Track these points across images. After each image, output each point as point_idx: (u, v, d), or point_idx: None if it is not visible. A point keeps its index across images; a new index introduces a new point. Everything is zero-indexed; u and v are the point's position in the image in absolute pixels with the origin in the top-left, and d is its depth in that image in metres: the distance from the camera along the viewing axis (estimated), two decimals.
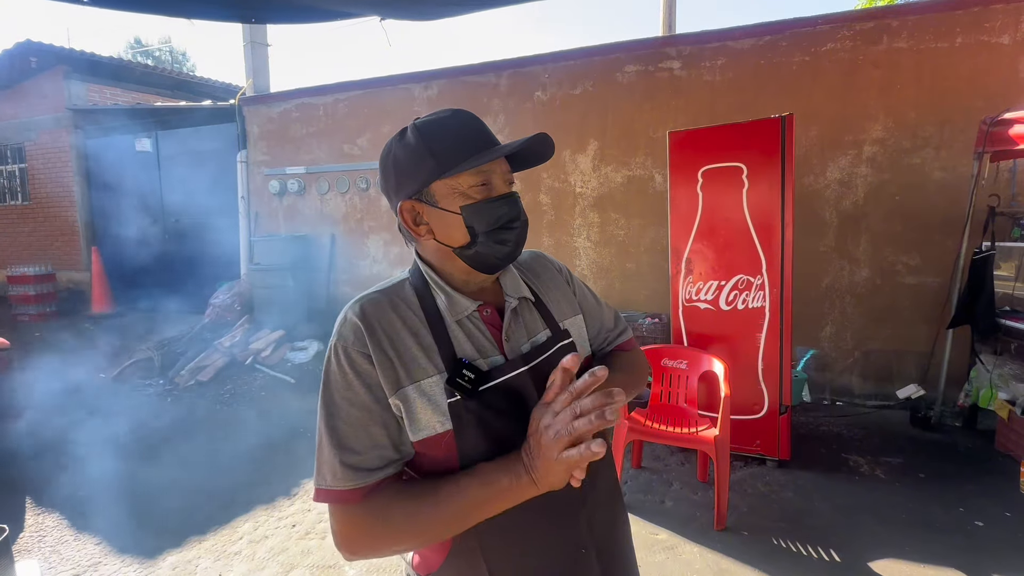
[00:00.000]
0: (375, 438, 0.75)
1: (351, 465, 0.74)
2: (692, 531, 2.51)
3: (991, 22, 3.68)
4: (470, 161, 0.78)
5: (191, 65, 25.79)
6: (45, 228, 8.34)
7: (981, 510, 2.62)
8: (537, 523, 0.80)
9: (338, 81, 5.93)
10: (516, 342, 0.84)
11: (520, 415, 0.78)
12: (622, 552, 0.92)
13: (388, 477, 0.76)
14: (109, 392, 4.68)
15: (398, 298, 0.83)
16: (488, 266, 0.84)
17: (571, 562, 0.83)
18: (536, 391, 0.80)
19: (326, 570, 2.35)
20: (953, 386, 3.62)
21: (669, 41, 4.63)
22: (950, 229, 3.71)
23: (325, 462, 0.75)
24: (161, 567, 2.39)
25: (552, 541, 0.82)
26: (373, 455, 0.75)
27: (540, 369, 0.83)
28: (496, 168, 0.82)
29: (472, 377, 0.76)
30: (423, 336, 0.80)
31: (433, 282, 0.85)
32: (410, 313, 0.81)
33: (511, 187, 0.85)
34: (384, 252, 5.87)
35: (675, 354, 3.05)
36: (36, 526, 2.72)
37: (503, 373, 0.79)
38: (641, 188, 4.68)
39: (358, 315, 0.78)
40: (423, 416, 0.76)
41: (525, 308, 0.89)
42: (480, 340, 0.82)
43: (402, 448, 0.77)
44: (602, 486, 0.89)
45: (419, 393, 0.76)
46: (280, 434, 3.79)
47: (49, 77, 7.88)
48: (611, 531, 0.90)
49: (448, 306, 0.82)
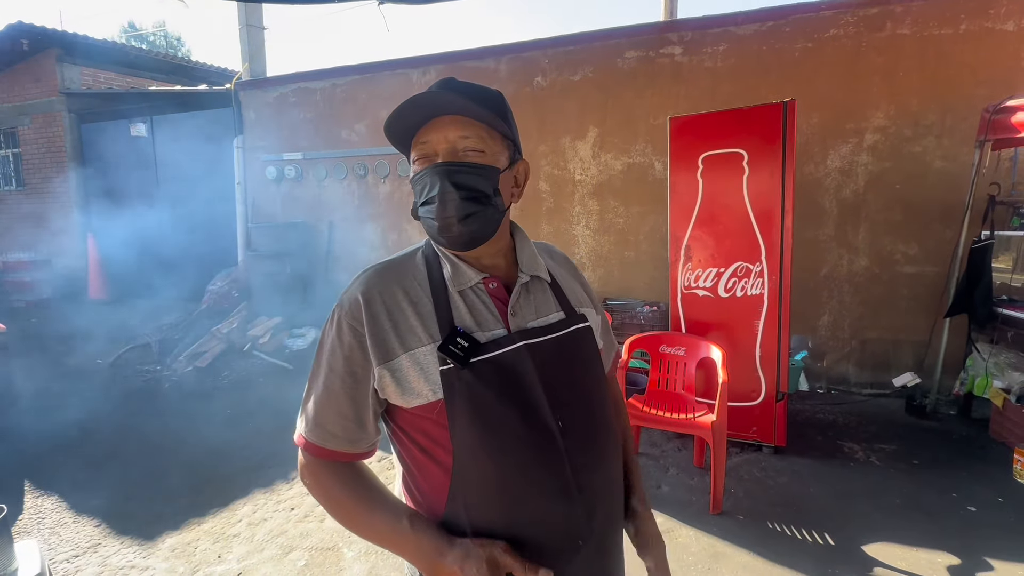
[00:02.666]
0: (341, 408, 0.79)
1: (317, 423, 0.80)
2: (688, 515, 2.53)
3: (996, 8, 3.64)
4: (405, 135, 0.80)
5: (186, 50, 25.47)
6: (40, 213, 8.27)
7: (974, 496, 2.64)
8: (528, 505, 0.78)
9: (335, 66, 5.86)
10: (522, 318, 0.82)
11: (516, 395, 0.77)
12: (616, 549, 0.89)
13: (348, 453, 0.81)
14: (106, 378, 4.68)
15: (405, 267, 0.84)
16: (439, 242, 0.82)
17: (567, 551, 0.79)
18: (536, 372, 0.78)
19: (324, 552, 2.36)
20: (949, 374, 3.64)
21: (670, 26, 4.58)
22: (949, 218, 3.70)
23: (302, 411, 0.83)
24: (160, 549, 2.40)
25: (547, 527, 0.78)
26: (336, 423, 0.80)
27: (545, 349, 0.81)
28: (432, 137, 0.78)
29: (466, 346, 0.76)
30: (423, 305, 0.80)
31: (441, 252, 0.84)
32: (414, 283, 0.82)
33: (465, 153, 0.77)
34: (382, 239, 5.84)
35: (673, 341, 3.05)
36: (35, 508, 2.73)
37: (501, 346, 0.78)
38: (641, 175, 4.66)
39: (361, 287, 0.81)
40: (415, 384, 0.77)
41: (538, 287, 0.87)
42: (482, 312, 0.81)
43: (366, 426, 0.81)
44: (601, 480, 0.85)
45: (412, 362, 0.77)
46: (278, 419, 3.79)
47: (42, 60, 7.76)
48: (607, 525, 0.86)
49: (452, 275, 0.82)
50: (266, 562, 2.31)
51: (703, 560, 2.25)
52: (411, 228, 5.69)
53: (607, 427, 0.87)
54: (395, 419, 0.82)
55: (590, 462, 0.81)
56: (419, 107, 0.76)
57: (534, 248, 0.90)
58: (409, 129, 0.79)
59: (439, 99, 0.76)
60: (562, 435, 0.78)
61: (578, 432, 0.81)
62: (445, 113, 0.77)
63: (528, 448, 0.76)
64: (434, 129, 0.78)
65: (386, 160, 5.64)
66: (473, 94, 0.79)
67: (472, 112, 0.77)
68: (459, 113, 0.77)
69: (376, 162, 5.68)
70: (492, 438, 0.75)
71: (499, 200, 0.80)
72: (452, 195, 0.76)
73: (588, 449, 0.82)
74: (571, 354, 0.84)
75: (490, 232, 0.81)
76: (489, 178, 0.79)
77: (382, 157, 5.66)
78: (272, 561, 2.32)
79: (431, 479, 0.79)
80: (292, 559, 2.33)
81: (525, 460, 0.76)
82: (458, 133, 0.77)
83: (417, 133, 0.79)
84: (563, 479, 0.78)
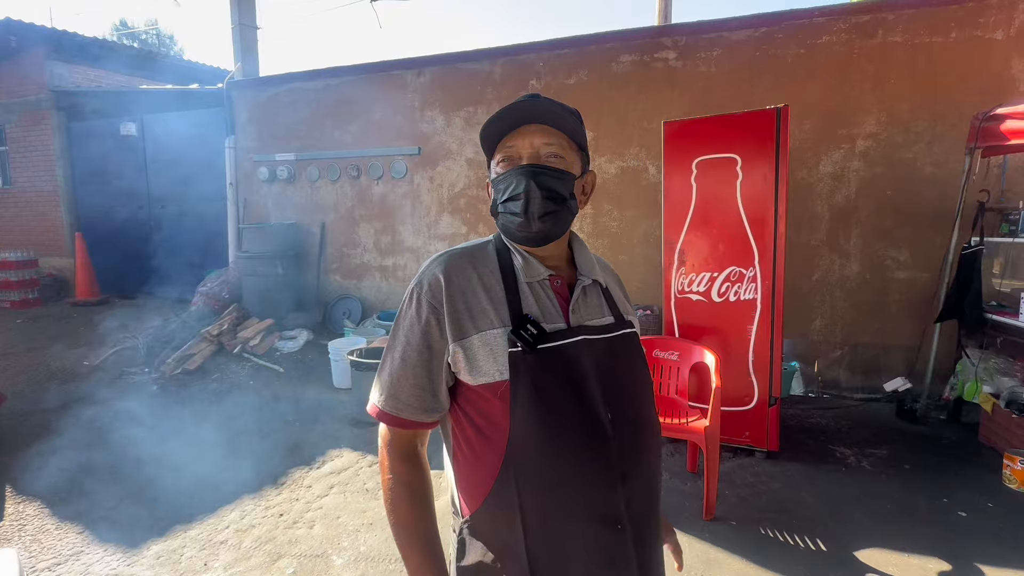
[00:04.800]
0: (417, 378, 0.85)
1: (392, 394, 0.86)
2: (681, 521, 2.52)
3: (985, 17, 3.68)
4: (492, 138, 0.89)
5: (178, 49, 25.27)
6: (27, 213, 8.14)
7: (964, 501, 2.66)
8: (574, 487, 0.83)
9: (329, 66, 5.83)
10: (581, 316, 0.89)
11: (574, 383, 0.83)
12: (655, 539, 0.94)
13: (421, 422, 0.86)
14: (92, 381, 4.60)
15: (480, 256, 0.90)
16: (514, 236, 0.89)
17: (606, 533, 0.84)
18: (592, 366, 0.85)
19: (313, 559, 2.33)
20: (939, 380, 3.66)
21: (665, 31, 4.60)
22: (940, 224, 3.73)
23: (378, 382, 0.89)
24: (145, 556, 2.35)
25: (589, 508, 0.83)
26: (411, 392, 0.85)
27: (598, 347, 0.87)
28: (519, 142, 0.87)
29: (535, 333, 0.82)
30: (495, 291, 0.86)
31: (513, 247, 0.91)
32: (487, 271, 0.88)
33: (547, 158, 0.86)
34: (375, 241, 5.81)
35: (666, 345, 3.05)
36: (16, 515, 2.67)
37: (563, 338, 0.85)
38: (635, 179, 4.66)
39: (441, 268, 0.86)
40: (484, 363, 0.82)
41: (593, 291, 0.94)
42: (547, 305, 0.88)
43: (439, 395, 0.86)
44: (643, 473, 0.90)
45: (483, 342, 0.83)
46: (268, 424, 3.75)
47: (30, 58, 7.65)
48: (645, 522, 0.90)
49: (524, 267, 0.88)
50: (253, 569, 2.27)
51: (696, 566, 2.23)
52: (404, 230, 5.66)
53: (651, 424, 0.94)
54: (457, 396, 0.87)
55: (633, 454, 0.87)
56: (511, 113, 0.86)
57: (591, 256, 0.98)
58: (498, 133, 0.88)
59: (530, 108, 0.85)
60: (611, 425, 0.85)
61: (624, 425, 0.87)
62: (534, 121, 0.86)
63: (579, 433, 0.83)
64: (520, 135, 0.87)
65: (379, 161, 5.61)
66: (557, 106, 0.87)
67: (557, 122, 0.86)
68: (545, 123, 0.86)
69: (369, 163, 5.65)
70: (549, 420, 0.81)
71: (573, 203, 0.90)
72: (536, 194, 0.84)
73: (632, 441, 0.88)
74: (621, 354, 0.91)
75: (560, 231, 0.90)
76: (567, 182, 0.88)
77: (375, 158, 5.63)
78: (260, 569, 2.28)
79: (482, 456, 0.84)
80: (280, 567, 2.29)
81: (576, 443, 0.82)
82: (543, 140, 0.86)
83: (504, 138, 0.88)
84: (608, 465, 0.84)
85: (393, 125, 5.50)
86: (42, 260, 7.60)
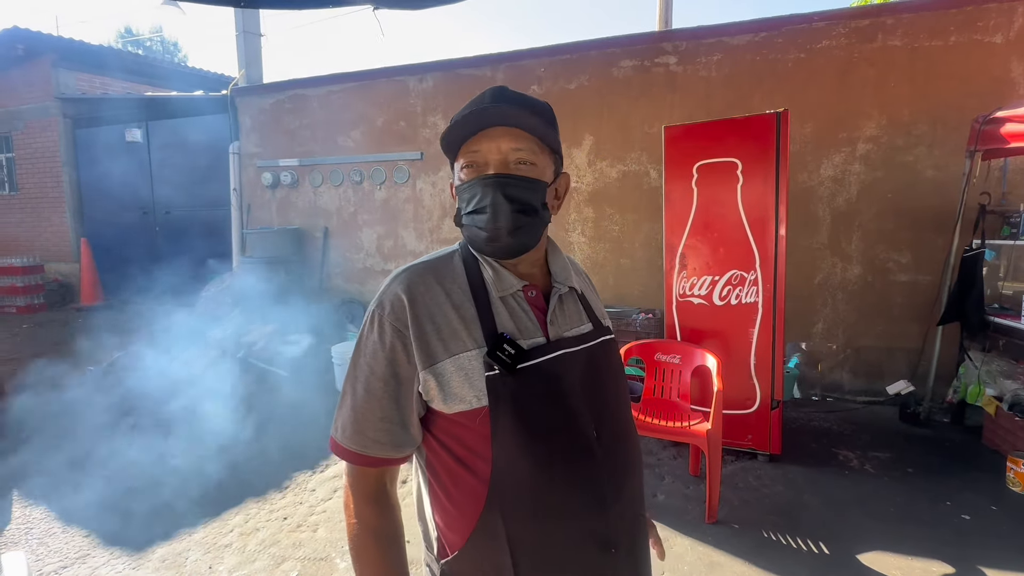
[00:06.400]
0: (384, 411, 0.77)
1: (357, 430, 0.77)
2: (684, 524, 2.53)
3: (984, 21, 3.70)
4: (455, 141, 0.79)
5: (183, 56, 25.50)
6: (33, 219, 8.21)
7: (968, 504, 2.65)
8: (567, 514, 0.77)
9: (332, 73, 5.87)
10: (559, 327, 0.83)
11: (558, 402, 0.77)
12: (644, 554, 0.90)
13: (392, 459, 0.78)
14: (97, 385, 4.62)
15: (445, 270, 0.82)
16: (482, 250, 0.82)
17: (601, 558, 0.79)
18: (574, 381, 0.80)
19: (317, 563, 2.34)
20: (942, 382, 3.66)
21: (665, 36, 4.63)
22: (941, 227, 3.74)
23: (340, 416, 0.80)
24: (150, 559, 2.37)
25: (583, 534, 0.78)
26: (379, 427, 0.77)
27: (579, 359, 0.82)
28: (484, 146, 0.77)
29: (512, 352, 0.75)
30: (466, 309, 0.79)
31: (481, 257, 0.83)
32: (455, 286, 0.80)
33: (516, 166, 0.77)
34: (377, 246, 5.84)
35: (668, 349, 3.05)
36: (23, 518, 2.69)
37: (543, 354, 0.78)
38: (636, 183, 4.68)
39: (404, 287, 0.78)
40: (459, 389, 0.75)
41: (570, 298, 0.88)
42: (523, 319, 0.81)
43: (409, 428, 0.78)
44: (630, 482, 0.86)
45: (456, 367, 0.75)
46: (271, 428, 3.76)
47: (37, 65, 7.74)
48: (636, 532, 0.87)
49: (495, 280, 0.81)
50: (258, 573, 2.28)
51: (699, 570, 2.24)
52: (407, 234, 5.69)
53: (633, 435, 0.89)
54: (431, 425, 0.80)
55: (620, 466, 0.83)
56: (477, 118, 0.76)
57: (566, 259, 0.91)
58: (461, 137, 0.79)
59: (495, 110, 0.76)
60: (598, 442, 0.80)
61: (610, 439, 0.82)
62: (500, 124, 0.77)
63: (568, 455, 0.77)
64: (487, 138, 0.77)
65: (382, 167, 5.65)
66: (527, 105, 0.79)
67: (526, 125, 0.77)
68: (514, 125, 0.77)
69: (372, 169, 5.68)
70: (535, 446, 0.75)
71: (546, 213, 0.82)
72: (504, 207, 0.76)
73: (619, 457, 0.83)
74: (601, 364, 0.85)
75: (533, 243, 0.82)
76: (539, 191, 0.79)
77: (378, 163, 5.66)
78: (264, 572, 2.29)
79: (464, 487, 0.77)
80: (284, 570, 2.30)
81: (566, 467, 0.77)
82: (511, 145, 0.77)
83: (468, 141, 0.79)
84: (601, 486, 0.79)
85: (396, 130, 5.54)
86: (48, 265, 7.67)
